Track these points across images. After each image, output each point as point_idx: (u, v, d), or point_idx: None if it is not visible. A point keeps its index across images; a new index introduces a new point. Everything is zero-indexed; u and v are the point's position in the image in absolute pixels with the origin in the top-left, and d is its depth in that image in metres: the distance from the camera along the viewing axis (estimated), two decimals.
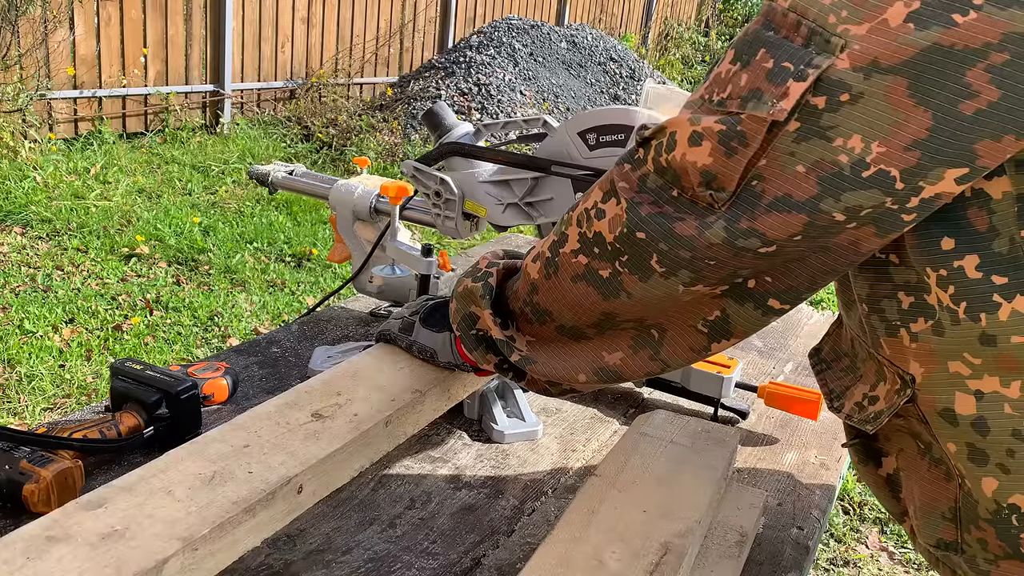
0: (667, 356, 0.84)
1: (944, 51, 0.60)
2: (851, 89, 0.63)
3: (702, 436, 1.06)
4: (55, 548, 0.68)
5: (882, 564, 2.60)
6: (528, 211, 1.27)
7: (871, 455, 0.89)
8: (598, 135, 1.18)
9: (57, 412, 2.90)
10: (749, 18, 11.43)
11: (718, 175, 0.69)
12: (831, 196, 0.66)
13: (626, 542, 0.84)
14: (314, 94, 6.55)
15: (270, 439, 0.87)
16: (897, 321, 0.75)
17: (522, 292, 0.91)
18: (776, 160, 0.67)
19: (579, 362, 0.89)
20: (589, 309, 0.84)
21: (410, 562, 0.95)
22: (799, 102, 0.64)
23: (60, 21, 5.17)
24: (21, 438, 0.96)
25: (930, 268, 0.70)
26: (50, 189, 4.61)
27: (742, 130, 0.67)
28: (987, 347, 0.69)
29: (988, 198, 0.67)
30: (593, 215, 0.80)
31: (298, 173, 1.61)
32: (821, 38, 0.64)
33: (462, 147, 1.30)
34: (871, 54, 0.62)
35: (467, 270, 0.97)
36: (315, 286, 4.02)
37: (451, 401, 1.10)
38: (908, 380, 0.76)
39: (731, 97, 0.68)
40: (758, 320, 0.78)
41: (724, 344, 0.81)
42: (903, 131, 0.63)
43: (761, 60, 0.67)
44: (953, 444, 0.74)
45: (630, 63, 8.12)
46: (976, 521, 0.76)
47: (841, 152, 0.64)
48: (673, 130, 0.72)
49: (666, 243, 0.74)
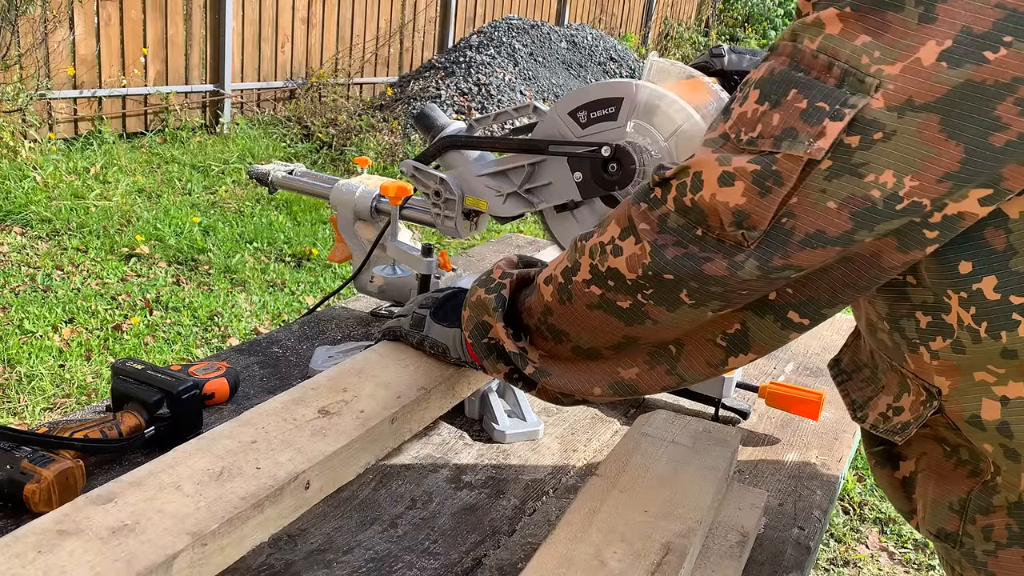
0: (684, 371, 0.84)
1: (976, 87, 0.61)
2: (884, 128, 0.64)
3: (703, 436, 1.06)
4: (66, 542, 0.69)
5: (882, 564, 2.60)
6: (528, 198, 1.28)
7: (889, 459, 0.89)
8: (588, 112, 1.19)
9: (57, 412, 2.90)
10: (749, 18, 11.47)
11: (751, 214, 0.70)
12: (865, 228, 0.67)
13: (627, 542, 0.84)
14: (314, 94, 6.55)
15: (277, 435, 0.87)
16: (916, 339, 0.76)
17: (536, 311, 0.91)
18: (807, 197, 0.68)
19: (594, 376, 0.89)
20: (610, 333, 0.85)
21: (411, 562, 0.95)
22: (835, 141, 0.65)
23: (60, 21, 5.16)
24: (22, 438, 0.96)
25: (951, 290, 0.71)
26: (50, 189, 4.61)
27: (777, 169, 0.68)
28: (1009, 360, 0.71)
29: (1006, 218, 0.68)
30: (609, 251, 0.80)
31: (298, 172, 1.61)
32: (855, 78, 0.64)
33: (459, 139, 1.31)
34: (905, 93, 0.63)
35: (480, 278, 0.97)
36: (315, 286, 4.02)
37: (456, 399, 1.10)
38: (934, 392, 0.77)
39: (762, 136, 0.69)
40: (777, 334, 0.79)
41: (742, 359, 0.81)
42: (935, 164, 0.64)
43: (793, 100, 0.67)
44: (989, 445, 0.76)
45: (630, 63, 8.12)
46: (987, 509, 0.77)
47: (873, 187, 0.65)
48: (698, 170, 0.73)
49: (696, 282, 0.74)
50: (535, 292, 0.91)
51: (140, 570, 0.67)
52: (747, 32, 11.03)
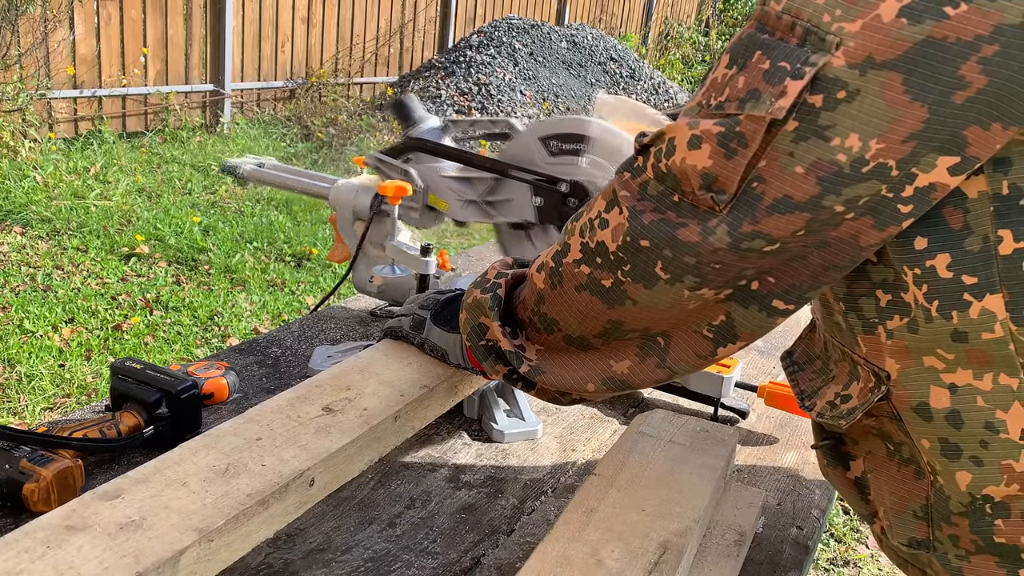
0: (673, 363, 0.84)
1: (937, 44, 0.61)
2: (847, 86, 0.63)
3: (701, 435, 1.06)
4: (74, 537, 0.69)
5: (882, 564, 2.60)
6: (487, 209, 1.29)
7: (839, 458, 0.89)
8: (560, 143, 1.20)
9: (57, 412, 2.90)
10: (749, 18, 11.44)
11: (718, 177, 0.70)
12: (832, 193, 0.67)
13: (625, 541, 0.84)
14: (314, 94, 6.55)
15: (282, 433, 0.88)
16: (875, 319, 0.75)
17: (529, 302, 0.91)
18: (775, 161, 0.67)
19: (588, 372, 0.89)
20: (595, 318, 0.84)
21: (410, 561, 0.95)
22: (797, 100, 0.65)
23: (60, 21, 5.17)
24: (21, 437, 0.97)
25: (907, 266, 0.71)
26: (50, 189, 4.61)
27: (741, 131, 0.67)
28: (959, 343, 0.70)
29: (964, 197, 0.67)
30: (596, 225, 0.80)
31: (268, 166, 1.62)
32: (816, 37, 0.64)
33: (425, 143, 1.32)
34: (866, 50, 0.62)
35: (476, 279, 0.97)
36: (315, 286, 4.02)
37: (457, 397, 1.11)
38: (883, 377, 0.76)
39: (729, 100, 0.69)
40: (763, 322, 0.78)
41: (730, 348, 0.81)
42: (900, 127, 0.63)
43: (757, 62, 0.67)
44: (927, 440, 0.75)
45: (630, 63, 8.13)
46: (948, 517, 0.77)
47: (839, 151, 0.65)
48: (672, 135, 0.73)
49: (671, 250, 0.74)
50: (528, 283, 0.92)
51: (148, 565, 0.68)
52: None
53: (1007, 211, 0.67)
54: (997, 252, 0.67)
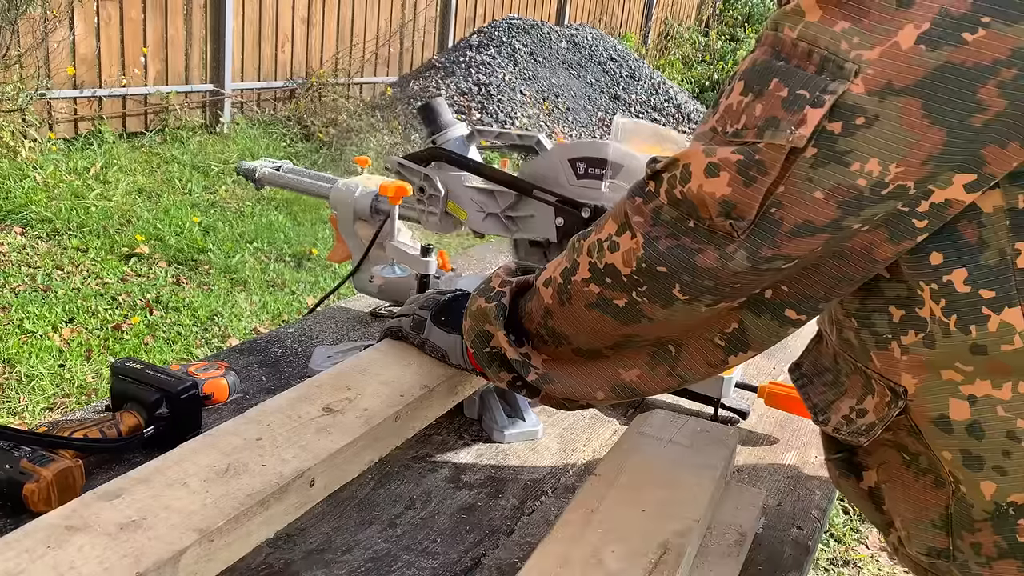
0: (684, 371, 0.85)
1: (955, 69, 0.62)
2: (866, 112, 0.64)
3: (701, 436, 1.06)
4: (75, 537, 0.69)
5: (882, 564, 2.60)
6: (507, 224, 1.28)
7: (852, 469, 0.89)
8: (587, 166, 1.20)
9: (57, 412, 2.90)
10: (749, 18, 11.46)
11: (737, 204, 0.70)
12: (852, 215, 0.67)
13: (625, 541, 0.84)
14: (314, 94, 6.55)
15: (282, 433, 0.88)
16: (888, 334, 0.75)
17: (536, 315, 0.91)
18: (794, 187, 0.68)
19: (597, 380, 0.89)
20: (608, 333, 0.85)
21: (410, 561, 0.95)
22: (817, 128, 0.65)
23: (60, 20, 5.16)
24: (22, 437, 0.97)
25: (923, 282, 0.71)
26: (50, 189, 4.61)
27: (760, 159, 0.68)
28: (978, 356, 0.70)
29: (979, 211, 0.68)
30: (606, 247, 0.80)
31: (285, 169, 1.62)
32: (834, 64, 0.65)
33: (448, 155, 1.31)
34: (885, 77, 0.63)
35: (480, 287, 0.97)
36: (315, 286, 4.02)
37: (457, 397, 1.11)
38: (900, 392, 0.76)
39: (746, 127, 0.69)
40: (775, 331, 0.79)
41: (741, 357, 0.82)
42: (919, 150, 0.64)
43: (775, 89, 0.67)
44: (948, 452, 0.75)
45: (630, 63, 8.12)
46: (970, 525, 0.76)
47: (859, 176, 0.65)
48: (687, 162, 0.73)
49: (689, 275, 0.75)
50: (535, 296, 0.91)
51: (148, 566, 0.68)
52: (747, 32, 11.03)
53: (1023, 225, 0.67)
54: (1014, 265, 0.68)
